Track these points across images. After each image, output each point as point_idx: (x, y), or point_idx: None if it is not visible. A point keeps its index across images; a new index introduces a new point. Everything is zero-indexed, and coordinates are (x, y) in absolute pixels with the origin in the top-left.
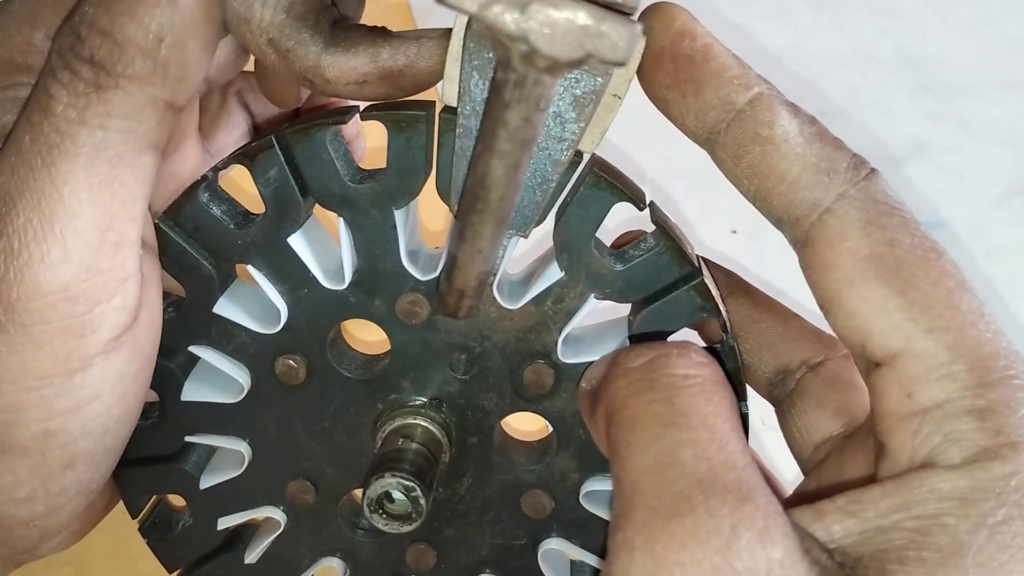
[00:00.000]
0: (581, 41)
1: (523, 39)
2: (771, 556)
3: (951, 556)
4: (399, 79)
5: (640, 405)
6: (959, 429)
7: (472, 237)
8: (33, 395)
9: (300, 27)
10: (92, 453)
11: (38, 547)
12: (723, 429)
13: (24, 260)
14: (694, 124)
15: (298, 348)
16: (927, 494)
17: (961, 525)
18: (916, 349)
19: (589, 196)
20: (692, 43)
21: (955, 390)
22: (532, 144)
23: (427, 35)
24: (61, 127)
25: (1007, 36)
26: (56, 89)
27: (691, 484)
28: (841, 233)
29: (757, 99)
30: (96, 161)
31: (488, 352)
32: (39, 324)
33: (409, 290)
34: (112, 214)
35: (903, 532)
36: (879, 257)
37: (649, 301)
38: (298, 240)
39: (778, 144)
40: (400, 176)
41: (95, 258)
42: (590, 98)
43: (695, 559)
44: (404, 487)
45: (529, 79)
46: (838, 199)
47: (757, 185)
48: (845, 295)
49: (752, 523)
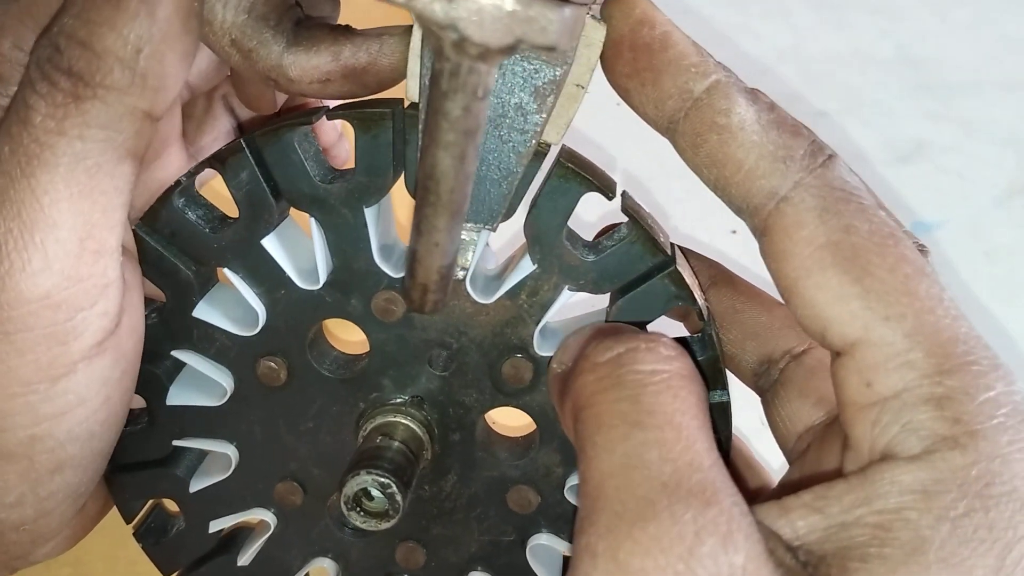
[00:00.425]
0: (510, 27)
1: (452, 27)
2: (734, 561)
3: (913, 552)
4: (362, 77)
5: (606, 403)
6: (917, 419)
7: (428, 230)
8: (18, 401)
9: (262, 27)
10: (79, 457)
11: (31, 552)
12: (689, 427)
13: (5, 269)
14: (654, 113)
15: (278, 349)
16: (888, 487)
17: (923, 519)
18: (874, 338)
19: (558, 187)
20: (651, 31)
21: (913, 378)
22: (476, 133)
23: (390, 32)
24: (40, 137)
25: (1007, 36)
26: (35, 100)
27: (656, 488)
28: (797, 221)
29: (714, 87)
30: (75, 171)
31: (466, 348)
32: (22, 332)
33: (384, 288)
34: (92, 222)
35: (865, 528)
36: (835, 245)
37: (624, 291)
38: (272, 242)
39: (735, 132)
40: (368, 174)
41: (76, 266)
42: (550, 88)
43: (658, 566)
44: (380, 484)
45: (463, 67)
46: (795, 187)
47: (716, 174)
48: (803, 284)
49: (715, 528)
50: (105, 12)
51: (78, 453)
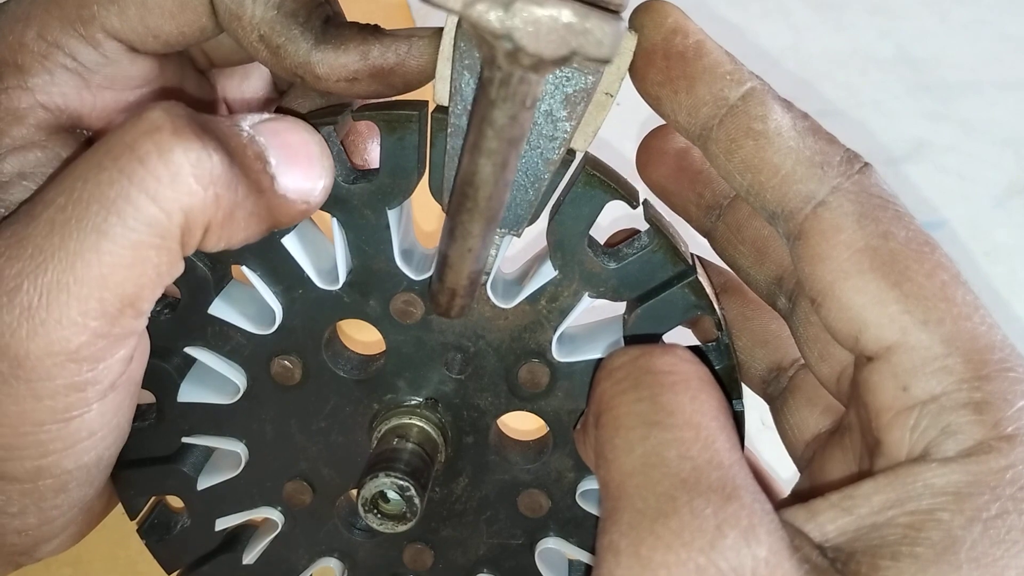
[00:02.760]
0: (565, 38)
1: (507, 37)
2: (756, 554)
3: (944, 551)
4: (389, 77)
5: (625, 405)
6: (956, 422)
7: (462, 236)
8: (28, 439)
9: (291, 24)
10: (85, 478)
11: (34, 551)
12: (709, 427)
13: (41, 319)
14: (686, 120)
15: (293, 349)
16: (921, 489)
17: (955, 520)
18: (911, 341)
19: (582, 195)
20: (684, 40)
21: (951, 383)
22: (520, 142)
23: (419, 34)
24: (133, 196)
25: (1007, 36)
26: (148, 152)
27: (675, 484)
28: (835, 225)
29: (750, 94)
30: (148, 246)
31: (483, 351)
32: (43, 380)
33: (403, 290)
34: (140, 295)
35: (896, 528)
36: (874, 250)
37: (643, 299)
38: (292, 241)
39: (771, 138)
40: (393, 176)
41: (110, 326)
42: (581, 96)
43: (680, 560)
44: (398, 487)
45: (515, 77)
46: (832, 192)
47: (750, 180)
48: (839, 287)
49: (737, 522)
50: None
51: (84, 475)
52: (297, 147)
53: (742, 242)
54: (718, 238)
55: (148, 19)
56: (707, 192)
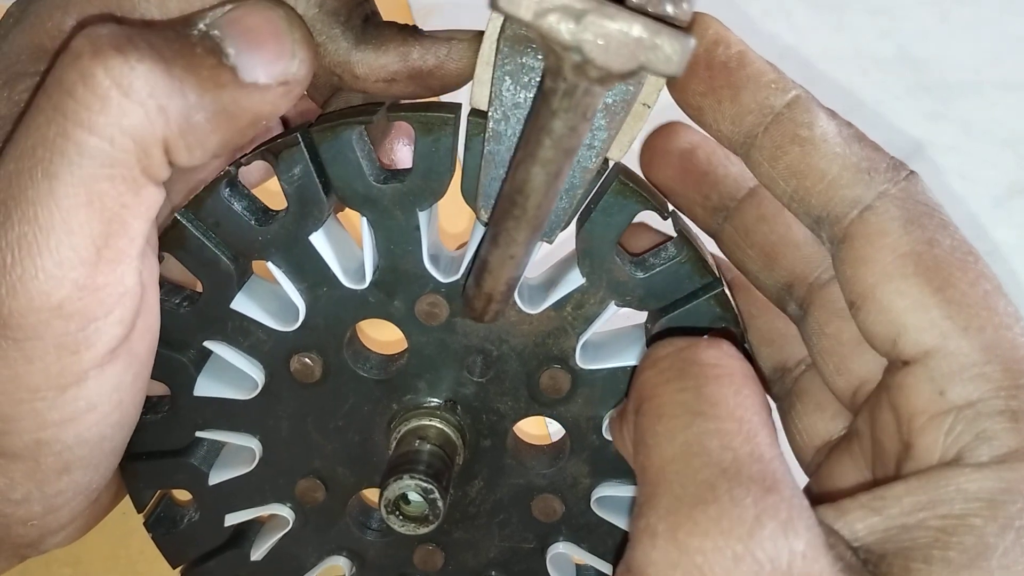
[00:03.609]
0: (635, 53)
1: (577, 49)
2: (794, 547)
3: (976, 557)
4: (428, 79)
5: (668, 394)
6: (991, 428)
7: (506, 243)
8: (25, 407)
9: (332, 22)
10: (88, 458)
11: (40, 543)
12: (751, 421)
13: (17, 275)
14: (730, 129)
15: (314, 346)
16: (953, 493)
17: (988, 527)
18: (951, 347)
19: (614, 203)
20: (727, 50)
21: (989, 390)
22: (575, 153)
23: (458, 36)
24: (69, 130)
25: (1007, 36)
26: (75, 82)
27: (716, 473)
28: (881, 229)
29: (795, 102)
30: (98, 178)
31: (506, 356)
32: (32, 339)
33: (429, 292)
34: (111, 231)
35: (928, 531)
36: (918, 255)
37: (668, 309)
38: (320, 238)
39: (817, 144)
40: (425, 177)
41: (91, 275)
42: (621, 106)
43: (717, 547)
44: (423, 489)
45: (580, 89)
46: (879, 197)
47: (795, 185)
48: (881, 289)
49: (776, 513)
50: None
51: (87, 455)
52: (259, 28)
53: (751, 246)
54: (725, 241)
55: (188, 11)
56: (714, 194)
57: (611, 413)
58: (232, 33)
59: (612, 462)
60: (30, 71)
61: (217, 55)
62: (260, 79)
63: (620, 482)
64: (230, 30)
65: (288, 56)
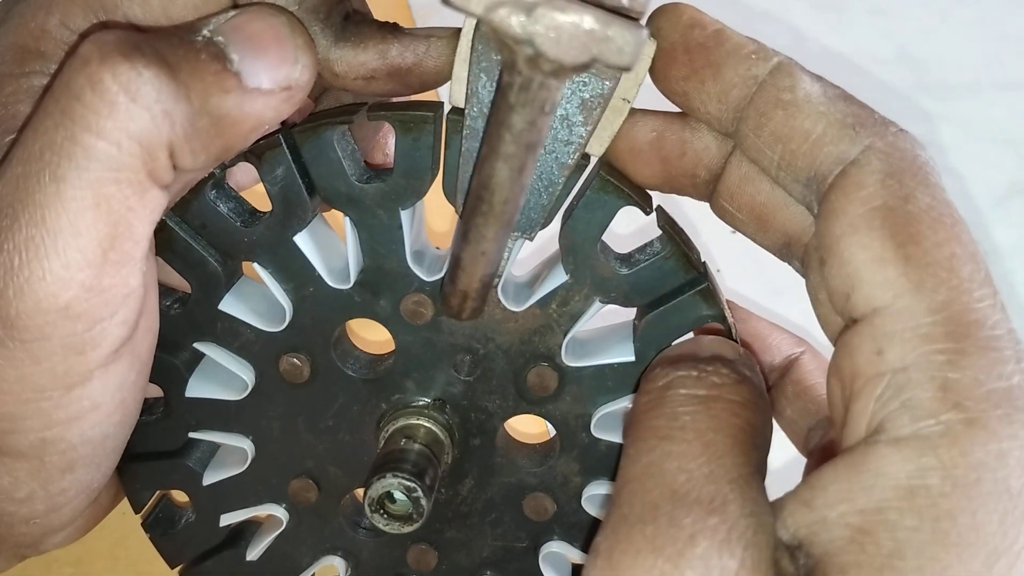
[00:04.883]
0: (587, 45)
1: (528, 42)
2: (727, 566)
3: (890, 557)
4: (407, 77)
5: (646, 421)
6: (916, 396)
7: (476, 239)
8: (31, 406)
9: (311, 20)
10: (91, 457)
11: (41, 542)
12: (720, 443)
13: (25, 277)
14: (717, 108)
15: (302, 346)
16: (872, 480)
17: (905, 520)
18: (898, 305)
19: (595, 200)
20: (703, 31)
21: (925, 353)
22: (537, 147)
23: (437, 34)
24: (76, 134)
25: (1007, 36)
26: (83, 86)
27: (664, 494)
28: (858, 182)
29: (777, 68)
30: (105, 182)
31: (492, 354)
32: (39, 340)
33: (414, 291)
34: (116, 234)
35: (846, 530)
36: (890, 209)
37: (654, 306)
38: (304, 239)
39: (801, 105)
40: (407, 176)
41: (98, 277)
42: (597, 102)
43: (646, 565)
44: (405, 487)
45: (534, 82)
46: (864, 151)
47: (781, 150)
48: (845, 241)
49: (713, 533)
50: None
51: (90, 454)
52: (261, 34)
53: (739, 210)
54: (717, 211)
55: (171, 10)
56: (701, 171)
57: None
58: (236, 39)
59: (602, 460)
60: (15, 72)
61: (221, 61)
62: (264, 84)
63: (611, 480)
64: (234, 36)
65: (291, 61)
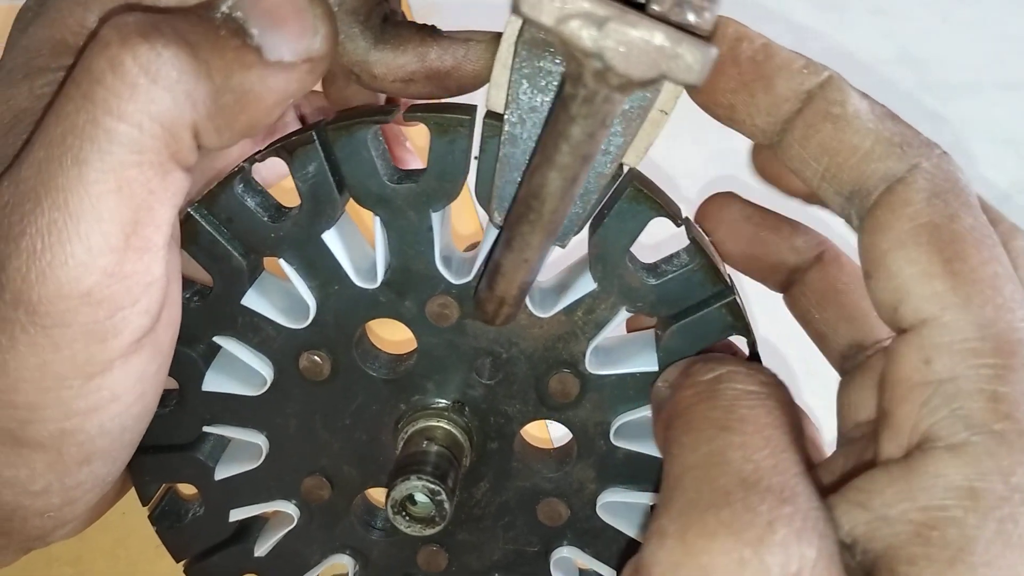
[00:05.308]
0: (656, 61)
1: (598, 56)
2: (806, 554)
3: (960, 552)
4: (445, 80)
5: (700, 411)
6: (969, 406)
7: (520, 247)
8: (51, 395)
9: (352, 21)
10: (109, 450)
11: (49, 535)
12: (779, 440)
13: (47, 261)
14: (765, 121)
15: (324, 344)
16: (932, 481)
17: (969, 519)
18: (947, 318)
19: (628, 209)
20: (751, 45)
21: (974, 365)
22: (592, 159)
23: (475, 38)
24: (98, 117)
25: (1007, 36)
26: (103, 69)
27: (734, 481)
28: (905, 199)
29: (827, 82)
30: (127, 165)
31: (515, 359)
32: (60, 327)
33: (440, 293)
34: (139, 219)
35: (909, 525)
36: (936, 226)
37: (680, 317)
38: (332, 236)
39: (850, 120)
40: (440, 179)
41: (120, 263)
42: (638, 112)
43: (724, 549)
44: (429, 490)
45: (599, 96)
46: (911, 170)
47: (827, 162)
48: (893, 255)
49: (790, 521)
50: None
51: (108, 446)
52: (280, 6)
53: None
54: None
55: None
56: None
57: None
58: (255, 13)
59: (619, 467)
60: (52, 66)
61: (241, 36)
62: (285, 57)
63: (626, 488)
64: (252, 11)
65: (311, 32)
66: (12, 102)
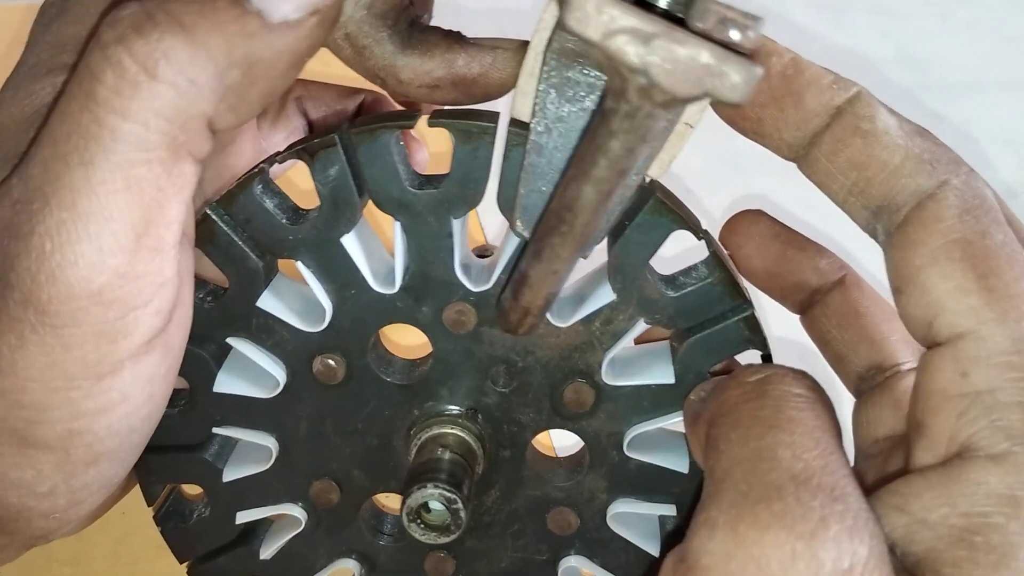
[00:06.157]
0: (701, 79)
1: (644, 72)
2: (858, 551)
3: (1004, 557)
4: (471, 87)
5: (748, 410)
6: (1008, 418)
7: (550, 258)
8: (60, 396)
9: (379, 25)
10: (117, 451)
11: (52, 535)
12: (828, 442)
13: (57, 262)
14: (793, 136)
15: (339, 348)
16: (973, 488)
17: (1012, 525)
18: (983, 332)
19: (649, 221)
20: (780, 59)
21: (1012, 379)
22: (628, 173)
23: (502, 45)
24: (102, 117)
25: (1007, 36)
26: (103, 69)
27: (785, 477)
28: (937, 215)
29: (856, 98)
30: (135, 162)
31: (530, 367)
32: (70, 327)
33: (458, 300)
34: (150, 218)
35: (952, 530)
36: (968, 242)
37: (697, 329)
38: (351, 240)
39: (880, 135)
40: (462, 185)
41: (131, 263)
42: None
43: (777, 542)
44: (446, 499)
45: (642, 112)
46: (940, 186)
47: (855, 177)
48: (926, 271)
49: (842, 519)
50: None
51: (116, 447)
52: None
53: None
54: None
55: None
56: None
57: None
58: None
59: (631, 479)
60: (75, 62)
61: (239, 4)
62: (289, 15)
63: (638, 499)
64: None
65: None
66: (35, 97)
